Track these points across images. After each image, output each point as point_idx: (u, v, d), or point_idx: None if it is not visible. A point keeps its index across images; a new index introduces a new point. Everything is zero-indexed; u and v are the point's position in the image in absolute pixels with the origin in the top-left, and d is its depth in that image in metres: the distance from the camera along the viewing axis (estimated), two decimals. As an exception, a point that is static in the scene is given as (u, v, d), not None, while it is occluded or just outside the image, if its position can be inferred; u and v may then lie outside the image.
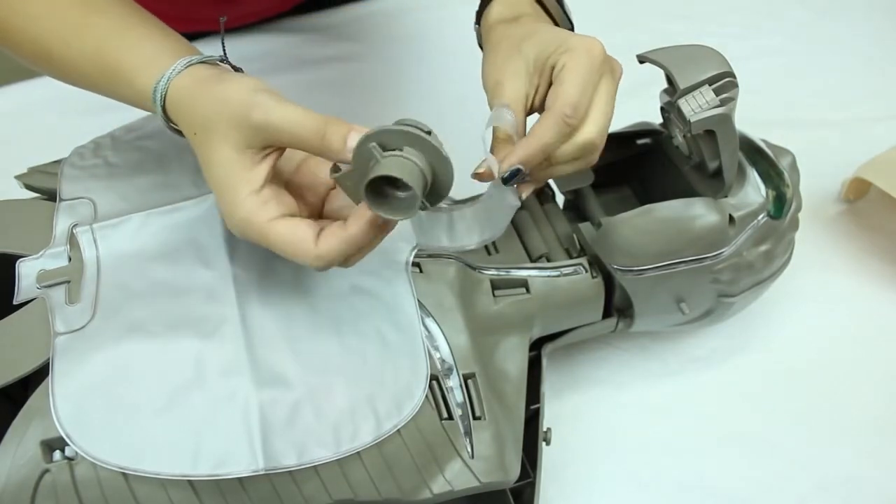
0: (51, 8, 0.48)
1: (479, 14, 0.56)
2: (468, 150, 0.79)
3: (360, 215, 0.42)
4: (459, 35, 0.93)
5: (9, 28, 0.49)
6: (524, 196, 0.49)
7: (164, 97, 0.45)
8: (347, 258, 0.43)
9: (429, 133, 0.41)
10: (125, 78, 0.46)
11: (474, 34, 0.58)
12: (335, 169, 0.43)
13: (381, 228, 0.43)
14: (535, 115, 0.50)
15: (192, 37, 0.50)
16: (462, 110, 0.86)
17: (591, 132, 0.47)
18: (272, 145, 0.43)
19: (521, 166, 0.46)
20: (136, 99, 0.47)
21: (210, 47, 0.49)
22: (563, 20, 0.55)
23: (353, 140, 0.41)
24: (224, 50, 0.49)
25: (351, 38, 0.96)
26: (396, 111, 0.85)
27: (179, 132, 0.47)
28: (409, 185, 0.39)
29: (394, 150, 0.40)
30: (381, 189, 0.40)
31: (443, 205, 0.47)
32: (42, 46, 0.48)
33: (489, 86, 0.50)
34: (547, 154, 0.47)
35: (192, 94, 0.44)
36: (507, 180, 0.46)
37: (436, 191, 0.42)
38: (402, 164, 0.40)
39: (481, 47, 0.57)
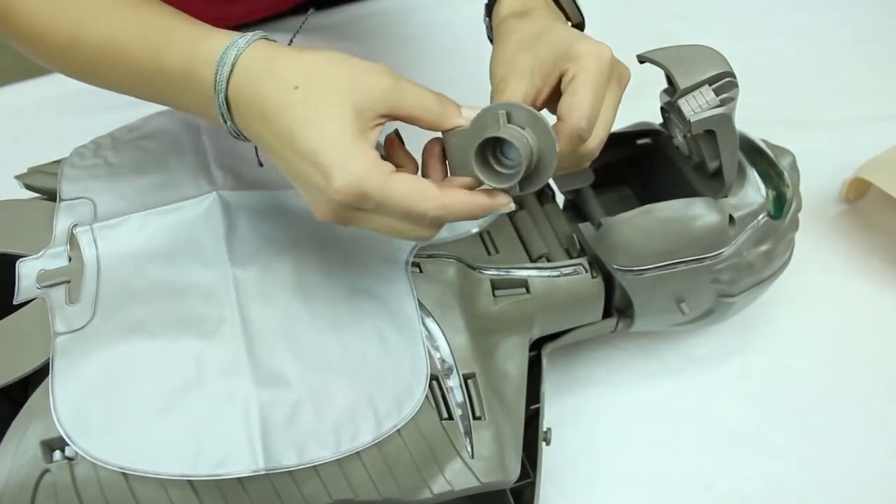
0: None
1: (489, 6, 0.55)
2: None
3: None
4: (460, 35, 0.93)
5: (33, 21, 0.47)
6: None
7: (239, 56, 0.42)
8: (455, 218, 0.43)
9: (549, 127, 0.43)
10: (180, 48, 0.44)
11: (473, 34, 0.58)
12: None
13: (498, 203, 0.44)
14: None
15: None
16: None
17: (591, 143, 0.47)
18: (388, 115, 0.42)
19: None
20: (183, 68, 0.44)
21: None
22: (573, 12, 0.54)
23: (466, 111, 0.44)
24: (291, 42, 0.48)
25: (351, 38, 0.96)
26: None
27: (228, 113, 0.44)
28: (521, 156, 0.41)
29: (516, 125, 0.43)
30: (487, 156, 0.43)
31: None
32: (73, 31, 0.47)
33: (495, 79, 0.49)
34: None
35: (288, 52, 0.42)
36: None
37: (532, 178, 0.44)
38: (521, 137, 0.42)
39: (490, 40, 0.57)
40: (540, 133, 0.43)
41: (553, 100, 0.49)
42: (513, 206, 0.44)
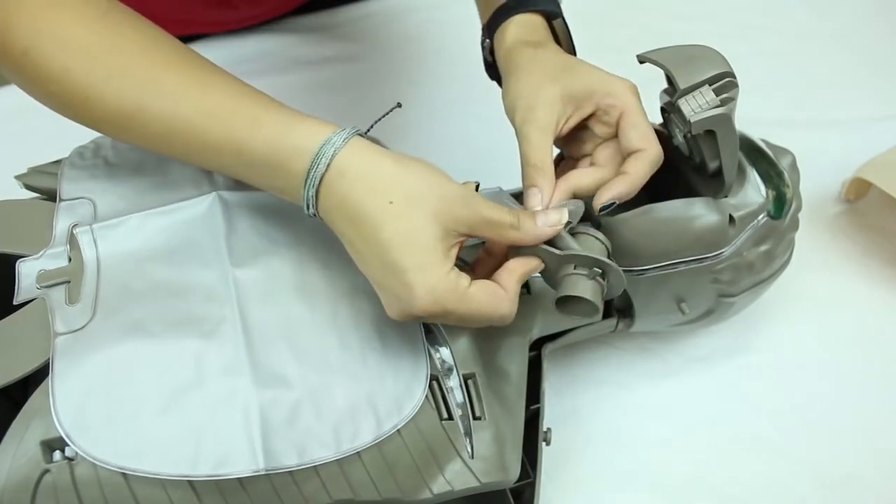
0: (150, 62, 0.46)
1: (490, 29, 0.56)
2: (463, 148, 0.79)
3: (523, 263, 0.47)
4: (459, 35, 0.93)
5: (89, 84, 0.46)
6: None
7: (335, 155, 0.43)
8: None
9: (605, 244, 0.50)
10: (266, 135, 0.45)
11: (473, 35, 0.58)
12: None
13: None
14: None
15: (188, 39, 0.49)
16: (459, 109, 0.86)
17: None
18: (469, 234, 0.45)
19: (616, 200, 0.50)
20: (268, 155, 0.45)
21: (206, 49, 0.49)
22: (569, 47, 0.58)
23: (540, 218, 0.47)
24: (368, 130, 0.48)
25: (350, 39, 0.96)
26: (395, 111, 0.85)
27: (315, 204, 0.45)
28: (594, 303, 0.47)
29: (586, 269, 0.47)
30: (572, 297, 0.47)
31: None
32: (133, 101, 0.46)
33: (519, 106, 0.51)
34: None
35: (384, 163, 0.44)
36: (603, 209, 0.50)
37: (606, 296, 0.49)
38: (589, 286, 0.47)
39: (486, 60, 0.58)
40: (608, 271, 0.47)
41: (579, 128, 0.53)
42: (542, 266, 0.48)
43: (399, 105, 0.52)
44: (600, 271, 0.47)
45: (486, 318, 0.45)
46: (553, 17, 0.56)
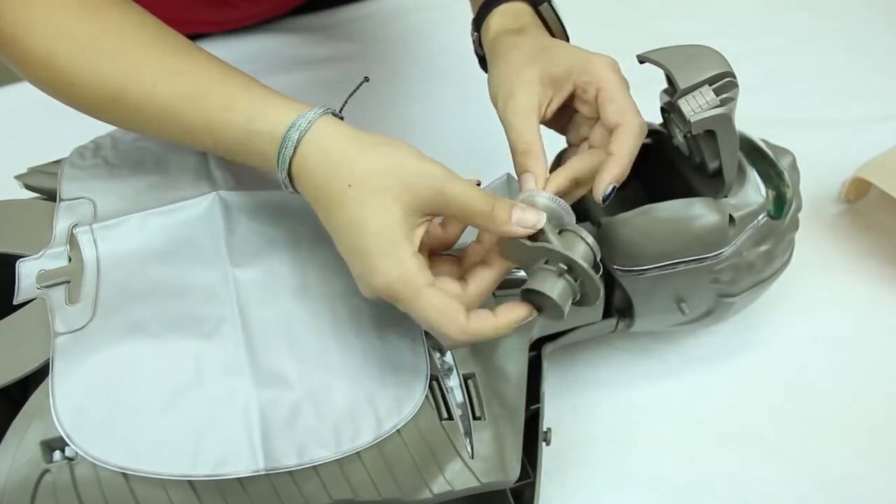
0: (131, 47, 0.47)
1: (478, 22, 0.56)
2: (462, 148, 0.79)
3: (513, 309, 0.45)
4: (456, 35, 0.93)
5: (73, 69, 0.47)
6: None
7: (300, 139, 0.44)
8: (476, 341, 0.45)
9: (592, 248, 0.46)
10: (238, 120, 0.45)
11: (469, 33, 0.58)
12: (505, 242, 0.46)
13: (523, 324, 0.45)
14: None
15: (188, 38, 0.50)
16: (458, 109, 0.86)
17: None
18: (436, 213, 0.44)
19: (616, 183, 0.48)
20: (241, 139, 0.46)
21: (206, 49, 0.49)
22: (559, 32, 0.57)
23: (516, 215, 0.44)
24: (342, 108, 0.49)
25: (350, 39, 0.96)
26: (395, 111, 0.85)
27: (290, 184, 0.45)
28: (557, 303, 0.44)
29: (555, 265, 0.44)
30: (536, 292, 0.44)
31: None
32: (115, 85, 0.47)
33: (500, 94, 0.51)
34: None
35: (346, 146, 0.44)
36: (606, 198, 0.48)
37: (580, 303, 0.46)
38: (556, 284, 0.44)
39: (478, 54, 0.58)
40: (579, 272, 0.44)
41: (563, 109, 0.51)
42: (535, 314, 0.45)
43: (367, 79, 0.51)
44: (566, 268, 0.44)
45: (429, 327, 0.43)
46: (538, 3, 0.55)
